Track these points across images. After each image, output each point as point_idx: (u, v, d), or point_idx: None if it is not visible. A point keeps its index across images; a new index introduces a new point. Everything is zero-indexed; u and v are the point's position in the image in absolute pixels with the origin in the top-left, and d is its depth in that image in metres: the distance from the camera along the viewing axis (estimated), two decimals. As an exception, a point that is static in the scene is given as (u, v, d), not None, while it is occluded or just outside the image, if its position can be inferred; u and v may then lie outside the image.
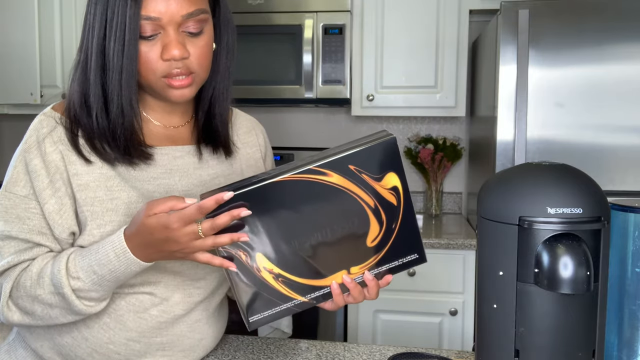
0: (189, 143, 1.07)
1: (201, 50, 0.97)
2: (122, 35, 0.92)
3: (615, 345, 0.96)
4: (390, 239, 0.93)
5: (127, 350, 1.00)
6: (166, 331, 1.01)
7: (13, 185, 0.97)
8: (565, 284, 0.79)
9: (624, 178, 2.07)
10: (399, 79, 2.60)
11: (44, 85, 2.69)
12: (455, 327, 2.34)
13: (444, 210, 2.95)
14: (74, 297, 0.92)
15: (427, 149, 2.78)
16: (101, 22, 0.94)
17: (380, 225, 0.92)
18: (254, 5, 2.57)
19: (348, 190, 0.89)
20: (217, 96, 1.07)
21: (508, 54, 2.07)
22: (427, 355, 1.14)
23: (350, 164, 0.88)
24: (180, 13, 0.93)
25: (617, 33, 2.02)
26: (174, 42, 0.93)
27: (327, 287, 0.93)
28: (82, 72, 0.97)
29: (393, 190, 0.91)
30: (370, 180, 0.89)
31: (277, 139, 3.01)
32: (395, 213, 0.92)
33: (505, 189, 0.86)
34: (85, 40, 0.97)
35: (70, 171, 0.96)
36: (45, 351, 1.02)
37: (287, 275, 0.91)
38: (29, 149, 0.97)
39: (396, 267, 0.95)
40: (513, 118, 2.09)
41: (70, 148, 0.97)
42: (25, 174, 0.97)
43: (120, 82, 0.94)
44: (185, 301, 1.02)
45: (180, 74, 0.96)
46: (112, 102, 0.95)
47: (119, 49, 0.92)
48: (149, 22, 0.92)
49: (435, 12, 2.56)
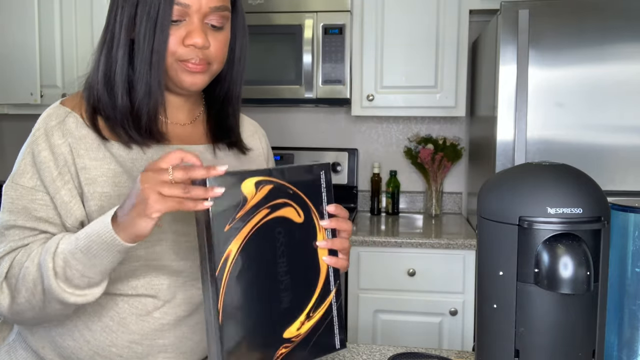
0: (197, 142, 1.09)
1: (221, 44, 1.01)
2: (154, 17, 0.94)
3: (615, 345, 0.96)
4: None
5: (129, 352, 1.00)
6: (169, 333, 1.01)
7: (20, 177, 0.97)
8: (565, 284, 0.79)
9: (624, 178, 2.07)
10: (399, 79, 2.60)
11: (44, 85, 2.69)
12: (455, 327, 2.34)
13: (444, 210, 2.95)
14: (51, 266, 0.87)
15: (427, 149, 2.78)
16: (132, 6, 0.95)
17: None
18: (254, 5, 2.57)
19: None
20: (230, 95, 1.10)
21: (508, 54, 2.07)
22: (427, 355, 1.14)
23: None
24: (209, 5, 0.97)
25: (617, 33, 2.02)
26: (197, 30, 0.97)
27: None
28: (108, 50, 0.99)
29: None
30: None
31: (277, 139, 3.02)
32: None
33: (505, 189, 0.86)
34: (112, 19, 0.98)
35: (78, 165, 0.96)
36: (47, 353, 1.02)
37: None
38: (37, 140, 0.97)
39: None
40: (513, 118, 2.09)
41: (80, 139, 0.97)
42: (32, 166, 0.97)
43: (150, 63, 0.96)
44: (187, 302, 1.02)
45: (199, 63, 0.98)
46: (139, 81, 0.97)
47: (150, 31, 0.94)
48: (178, 7, 0.95)
49: (435, 12, 2.56)
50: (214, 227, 0.85)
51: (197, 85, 1.01)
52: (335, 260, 0.96)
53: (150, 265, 0.97)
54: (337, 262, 0.96)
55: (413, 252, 2.34)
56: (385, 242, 2.34)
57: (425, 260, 2.34)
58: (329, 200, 0.96)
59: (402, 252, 2.34)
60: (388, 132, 2.99)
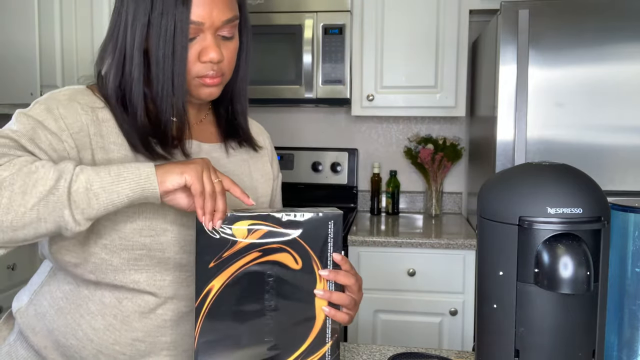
0: (210, 141, 1.10)
1: (232, 53, 1.02)
2: (171, 38, 0.93)
3: (615, 345, 0.96)
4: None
5: (132, 350, 1.00)
6: (171, 330, 1.02)
7: (28, 110, 0.93)
8: (565, 284, 0.79)
9: (624, 178, 2.07)
10: (399, 79, 2.61)
11: (44, 85, 2.69)
12: (455, 327, 2.34)
13: (444, 210, 2.95)
14: (71, 170, 0.82)
15: (427, 149, 2.78)
16: (144, 23, 0.94)
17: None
18: (254, 5, 2.57)
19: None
20: (237, 94, 1.12)
21: (508, 54, 2.07)
22: (427, 355, 1.14)
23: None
24: (221, 19, 0.96)
25: (617, 33, 2.02)
26: (212, 46, 0.96)
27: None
28: (118, 71, 0.97)
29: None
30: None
31: (277, 139, 3.02)
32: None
33: (505, 189, 0.86)
34: (122, 39, 0.96)
35: (94, 143, 0.94)
36: (49, 352, 1.02)
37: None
38: (58, 96, 0.95)
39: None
40: (513, 118, 2.09)
41: (103, 121, 0.96)
42: (46, 112, 0.92)
43: (172, 84, 0.95)
44: (189, 298, 1.03)
45: (215, 77, 0.99)
46: (163, 102, 0.96)
47: (169, 52, 0.93)
48: (192, 26, 0.94)
49: (435, 12, 2.56)
50: (198, 261, 0.89)
51: (214, 95, 1.02)
52: (334, 313, 0.94)
53: (154, 256, 0.97)
54: (336, 315, 0.94)
55: (413, 252, 2.34)
56: (385, 242, 2.34)
57: (425, 260, 2.34)
58: (336, 249, 0.93)
59: (402, 252, 2.34)
60: (388, 132, 2.99)
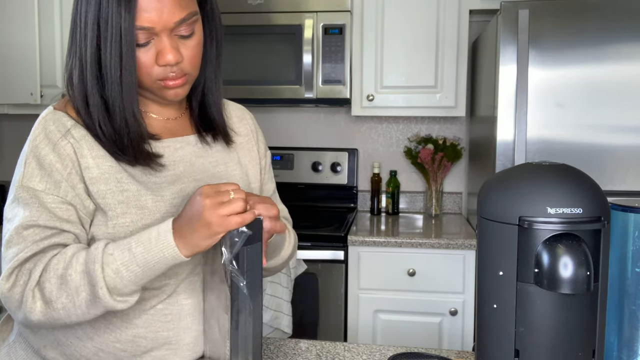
0: (187, 133, 1.09)
1: (193, 50, 0.99)
2: (117, 47, 0.91)
3: (615, 345, 0.96)
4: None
5: (133, 347, 1.00)
6: (172, 324, 1.02)
7: (29, 181, 0.95)
8: (565, 284, 0.79)
9: (624, 178, 2.06)
10: (399, 79, 2.60)
11: (44, 85, 2.69)
12: (455, 327, 2.34)
13: (444, 210, 2.95)
14: (100, 276, 0.89)
15: (427, 149, 2.78)
16: (93, 32, 0.93)
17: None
18: (253, 5, 2.57)
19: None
20: (208, 86, 1.09)
21: (508, 54, 2.07)
22: (427, 355, 1.14)
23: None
24: (173, 20, 0.94)
25: (617, 33, 2.02)
26: (168, 48, 0.94)
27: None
28: (80, 80, 0.96)
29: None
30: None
31: (277, 139, 3.02)
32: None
33: (505, 189, 0.86)
34: (79, 47, 0.95)
35: (82, 164, 0.96)
36: (49, 352, 1.02)
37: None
38: (39, 145, 0.96)
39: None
40: (513, 118, 2.09)
41: (79, 139, 0.97)
42: (40, 169, 0.95)
43: (121, 94, 0.94)
44: (189, 292, 1.03)
45: (175, 78, 0.97)
46: (114, 113, 0.96)
47: (116, 61, 0.92)
48: (142, 32, 0.92)
49: (435, 12, 2.56)
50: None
51: (180, 96, 1.01)
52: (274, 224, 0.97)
53: None
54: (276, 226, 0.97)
55: (413, 252, 2.34)
56: (385, 242, 2.34)
57: (425, 260, 2.34)
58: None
59: (402, 252, 2.34)
60: (388, 132, 2.99)
